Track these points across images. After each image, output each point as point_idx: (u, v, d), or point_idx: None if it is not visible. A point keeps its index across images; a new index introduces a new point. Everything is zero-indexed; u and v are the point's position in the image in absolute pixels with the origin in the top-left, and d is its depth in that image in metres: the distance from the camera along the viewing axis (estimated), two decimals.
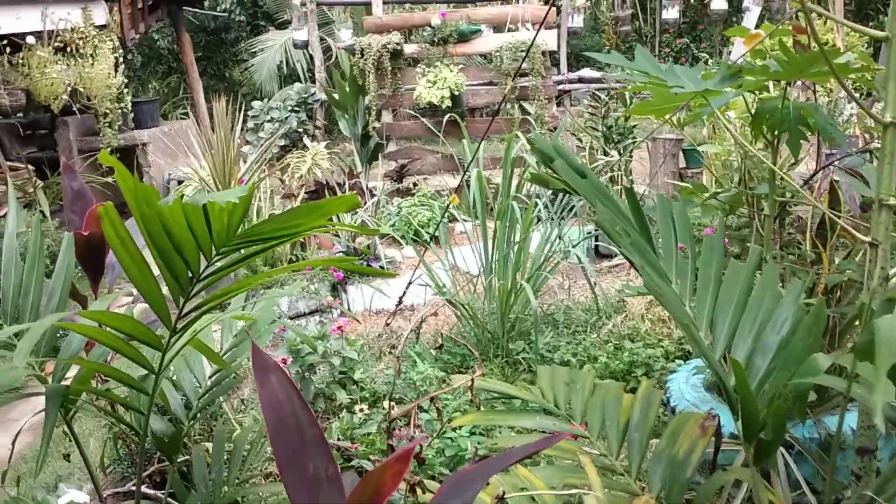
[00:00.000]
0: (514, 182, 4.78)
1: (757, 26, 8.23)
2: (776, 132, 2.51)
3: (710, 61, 12.43)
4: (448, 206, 4.19)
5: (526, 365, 4.19)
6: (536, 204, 4.28)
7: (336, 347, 3.92)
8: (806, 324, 1.64)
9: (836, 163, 2.99)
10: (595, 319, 4.67)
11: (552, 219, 4.61)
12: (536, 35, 4.10)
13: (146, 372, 2.10)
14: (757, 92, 2.63)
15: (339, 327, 3.97)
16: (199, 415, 2.51)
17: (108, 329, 1.98)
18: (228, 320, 2.64)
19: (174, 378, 2.54)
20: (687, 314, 1.65)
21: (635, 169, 7.01)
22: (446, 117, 6.06)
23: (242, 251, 1.93)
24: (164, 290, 1.96)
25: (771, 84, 3.10)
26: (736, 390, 1.50)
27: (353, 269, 2.39)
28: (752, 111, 2.58)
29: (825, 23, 6.10)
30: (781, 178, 2.68)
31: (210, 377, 2.59)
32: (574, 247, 4.34)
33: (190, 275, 1.94)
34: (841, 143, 2.50)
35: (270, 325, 2.52)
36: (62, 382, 2.23)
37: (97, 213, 2.69)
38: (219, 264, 1.95)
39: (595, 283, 4.79)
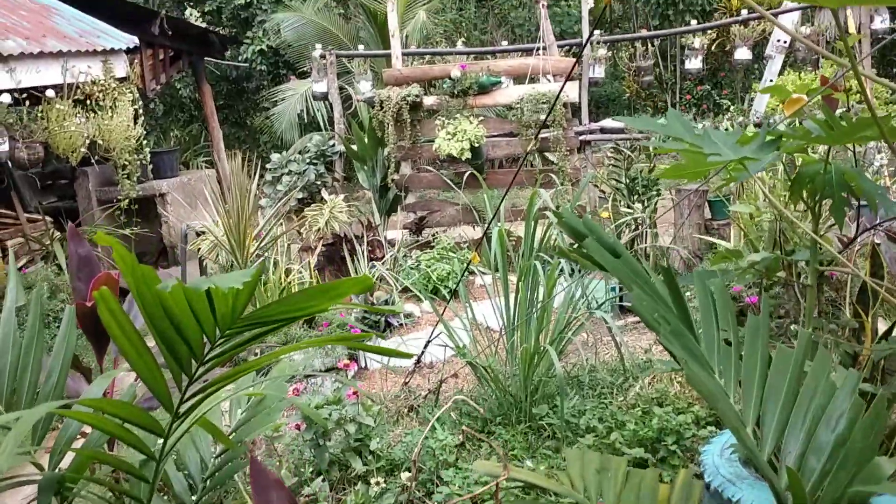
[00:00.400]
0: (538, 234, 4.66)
1: (779, 74, 8.14)
2: (817, 197, 2.37)
3: (731, 108, 12.34)
4: (468, 264, 4.05)
5: (550, 431, 4.01)
6: (559, 262, 4.14)
7: (352, 413, 3.77)
8: (865, 423, 1.48)
9: (879, 226, 2.84)
10: (622, 381, 4.49)
11: (574, 271, 4.46)
12: (562, 89, 4.01)
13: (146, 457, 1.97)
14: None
15: (354, 392, 3.82)
16: (204, 498, 2.37)
17: (106, 415, 1.86)
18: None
19: (178, 456, 2.41)
20: (734, 413, 1.49)
21: (660, 219, 6.87)
22: (467, 174, 5.98)
23: (247, 334, 1.81)
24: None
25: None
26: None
27: (362, 348, 2.26)
28: (790, 174, 2.44)
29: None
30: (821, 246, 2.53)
31: (217, 456, 2.45)
32: (599, 307, 4.18)
33: (192, 357, 1.82)
34: (888, 210, 2.35)
35: (280, 403, 2.38)
36: (60, 468, 2.11)
37: (102, 281, 2.58)
38: (223, 347, 1.82)
39: (621, 343, 4.62)
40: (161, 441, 1.93)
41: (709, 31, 8.10)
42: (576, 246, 1.85)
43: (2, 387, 2.10)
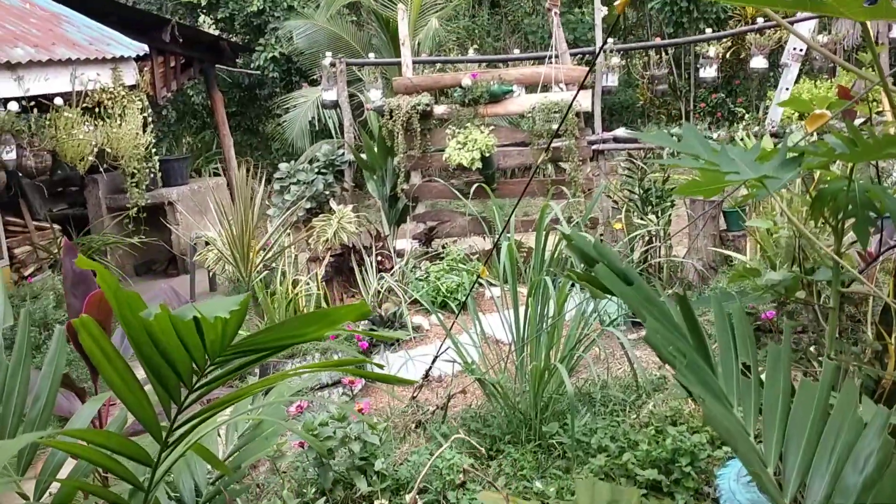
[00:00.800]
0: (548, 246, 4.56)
1: (795, 82, 8.01)
2: (839, 216, 2.26)
3: (746, 117, 12.19)
4: (477, 278, 3.96)
5: (560, 450, 3.90)
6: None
7: (357, 430, 3.68)
8: None
9: None
10: (634, 398, 4.38)
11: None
12: (574, 98, 3.90)
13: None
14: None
15: (360, 409, 3.73)
16: None
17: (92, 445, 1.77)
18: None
19: (172, 482, 2.32)
20: (756, 455, 1.39)
21: (673, 228, 6.75)
22: (474, 187, 5.88)
23: (238, 361, 1.72)
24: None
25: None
26: None
27: (363, 375, 2.17)
28: (809, 188, 2.34)
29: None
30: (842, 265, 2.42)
31: (213, 482, 2.36)
32: (611, 324, 4.07)
33: (182, 385, 1.74)
34: None
35: (278, 427, 2.29)
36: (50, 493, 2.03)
37: (97, 299, 2.50)
38: (214, 374, 1.74)
39: (633, 359, 4.51)
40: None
41: (723, 40, 7.97)
42: (585, 268, 1.76)
43: None
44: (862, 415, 1.56)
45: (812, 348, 2.90)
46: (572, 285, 4.51)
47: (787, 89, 7.73)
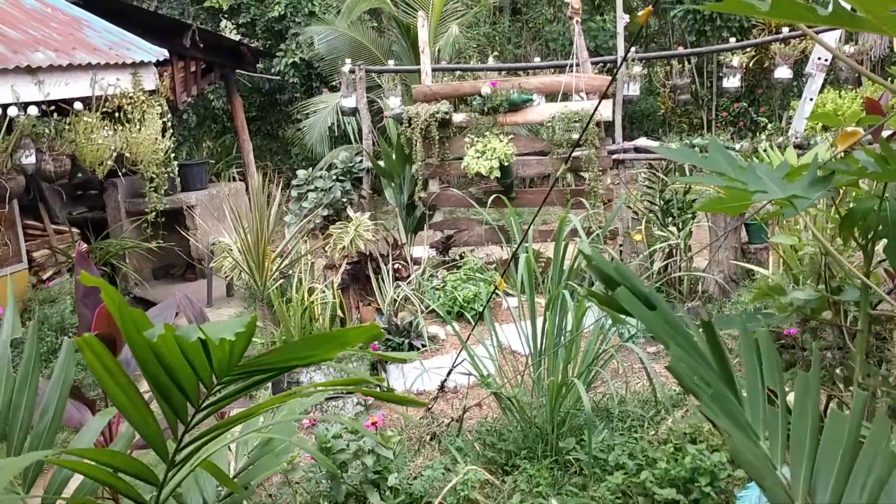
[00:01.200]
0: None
1: (819, 92, 7.90)
2: (870, 235, 2.19)
3: (769, 126, 12.05)
4: (494, 289, 3.90)
5: (577, 466, 3.83)
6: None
7: (370, 443, 3.63)
8: None
9: None
10: (653, 413, 4.30)
11: None
12: (596, 108, 3.84)
13: None
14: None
15: (373, 423, 3.69)
16: None
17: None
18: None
19: (181, 499, 2.27)
20: (783, 494, 1.32)
21: (694, 240, 6.66)
22: (492, 197, 5.82)
23: (247, 381, 1.67)
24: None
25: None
26: None
27: (374, 395, 2.12)
28: (837, 203, 2.27)
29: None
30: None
31: (222, 499, 2.32)
32: (631, 338, 4.00)
33: (189, 404, 1.70)
34: None
35: (288, 445, 2.24)
36: None
37: (107, 311, 2.46)
38: (221, 393, 1.69)
39: (652, 373, 4.43)
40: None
41: (748, 49, 7.87)
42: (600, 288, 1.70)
43: None
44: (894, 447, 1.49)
45: (838, 370, 2.82)
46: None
47: (811, 99, 7.63)
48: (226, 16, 13.80)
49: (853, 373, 2.82)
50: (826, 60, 7.57)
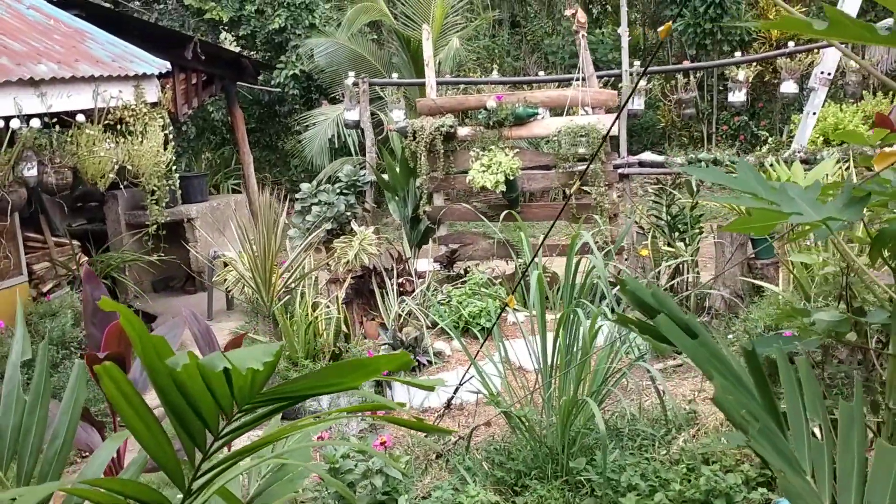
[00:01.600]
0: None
1: (823, 106, 7.86)
2: None
3: (770, 140, 12.03)
4: (504, 307, 3.84)
5: (589, 488, 3.77)
6: (601, 309, 3.91)
7: (378, 464, 3.56)
8: None
9: None
10: (664, 433, 4.23)
11: (614, 310, 4.22)
12: (613, 122, 3.79)
13: None
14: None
15: (382, 443, 3.62)
16: None
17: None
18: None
19: None
20: None
21: (700, 254, 6.61)
22: (503, 213, 5.77)
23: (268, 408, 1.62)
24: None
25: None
26: None
27: (396, 422, 2.06)
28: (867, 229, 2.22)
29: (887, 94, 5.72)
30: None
31: None
32: (642, 357, 3.95)
33: (207, 432, 1.64)
34: None
35: (304, 469, 2.18)
36: None
37: (117, 330, 2.41)
38: (241, 420, 1.63)
39: (663, 391, 4.38)
40: None
41: (753, 64, 7.85)
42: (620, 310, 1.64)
43: (2, 450, 1.93)
44: None
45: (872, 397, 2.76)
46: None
47: (813, 114, 7.60)
48: (226, 28, 13.78)
49: (876, 395, 2.77)
50: (829, 74, 7.54)
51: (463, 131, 7.00)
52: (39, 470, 1.93)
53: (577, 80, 6.80)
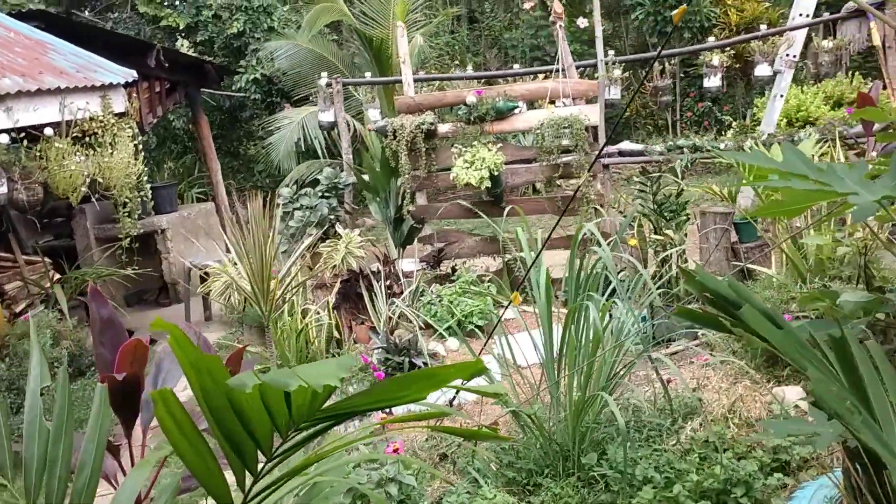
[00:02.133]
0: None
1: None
2: None
3: (734, 124, 12.13)
4: (508, 304, 3.78)
5: (603, 483, 3.72)
6: (611, 303, 3.87)
7: (392, 471, 3.48)
8: None
9: None
10: (671, 422, 4.20)
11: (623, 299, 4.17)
12: (602, 113, 3.74)
13: None
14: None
15: (394, 449, 3.54)
16: None
17: None
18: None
19: None
20: None
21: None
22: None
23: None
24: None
25: None
26: None
27: (453, 432, 1.98)
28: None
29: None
30: None
31: None
32: (643, 352, 3.92)
33: (260, 454, 1.55)
34: None
35: (339, 486, 2.09)
36: None
37: (130, 350, 2.29)
38: (293, 441, 1.55)
39: (668, 381, 4.35)
40: None
41: (727, 49, 7.87)
42: (682, 304, 1.58)
43: (29, 482, 1.81)
44: None
45: None
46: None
47: (780, 96, 7.64)
48: (182, 34, 13.53)
49: None
50: (794, 57, 7.59)
51: (444, 128, 6.91)
52: (70, 502, 1.82)
53: (558, 71, 6.76)
